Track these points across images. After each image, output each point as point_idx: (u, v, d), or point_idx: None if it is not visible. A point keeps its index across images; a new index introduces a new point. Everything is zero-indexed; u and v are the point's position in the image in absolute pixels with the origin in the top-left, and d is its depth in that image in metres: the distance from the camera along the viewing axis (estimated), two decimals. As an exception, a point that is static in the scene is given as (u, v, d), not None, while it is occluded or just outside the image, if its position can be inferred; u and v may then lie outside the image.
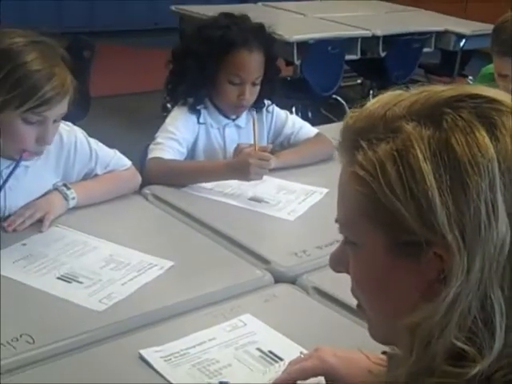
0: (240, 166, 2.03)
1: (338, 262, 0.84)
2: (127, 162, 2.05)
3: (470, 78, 5.33)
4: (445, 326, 0.67)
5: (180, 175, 2.12)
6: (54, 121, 1.69)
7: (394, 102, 0.73)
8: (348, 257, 0.81)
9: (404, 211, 0.68)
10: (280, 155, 2.25)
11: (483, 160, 0.66)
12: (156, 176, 2.12)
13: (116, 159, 2.02)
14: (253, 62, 2.17)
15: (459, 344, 0.67)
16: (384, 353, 0.97)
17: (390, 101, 0.74)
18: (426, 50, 5.37)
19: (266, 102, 2.34)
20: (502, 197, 0.66)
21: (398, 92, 0.75)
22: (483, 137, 0.66)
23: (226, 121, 2.30)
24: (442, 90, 0.73)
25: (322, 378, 1.16)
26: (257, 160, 2.01)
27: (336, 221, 0.79)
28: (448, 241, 0.66)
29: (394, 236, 0.71)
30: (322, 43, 4.83)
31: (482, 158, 0.66)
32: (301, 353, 1.29)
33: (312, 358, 1.15)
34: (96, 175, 1.97)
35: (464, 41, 5.42)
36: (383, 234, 0.72)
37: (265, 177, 2.06)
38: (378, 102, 0.75)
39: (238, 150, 2.14)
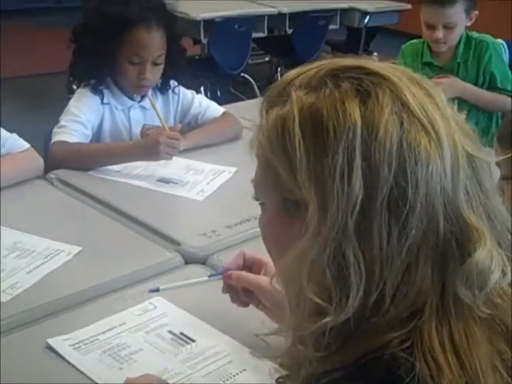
0: (149, 146, 2.01)
1: None
2: (24, 144, 1.98)
3: (375, 54, 5.43)
4: (299, 275, 0.71)
5: (86, 158, 2.07)
6: None
7: (300, 72, 0.77)
8: None
9: (282, 171, 0.73)
10: (187, 136, 2.23)
11: (344, 126, 0.69)
12: (61, 160, 2.06)
13: (12, 140, 1.94)
14: (152, 41, 2.13)
15: (314, 298, 0.70)
16: None
17: (298, 71, 0.77)
18: (331, 27, 5.44)
19: (172, 82, 2.32)
20: (360, 162, 0.68)
21: (311, 64, 0.78)
22: (353, 106, 0.70)
23: (130, 102, 2.26)
24: (335, 61, 0.76)
25: None
26: (166, 139, 1.98)
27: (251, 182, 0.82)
28: (306, 196, 0.71)
29: (280, 195, 0.76)
30: (229, 21, 4.82)
31: (344, 124, 0.69)
32: None
33: None
34: None
35: (368, 18, 5.52)
36: (274, 194, 0.77)
37: (173, 157, 2.05)
38: (290, 73, 0.78)
39: (144, 130, 2.11)
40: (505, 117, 2.41)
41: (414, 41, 2.90)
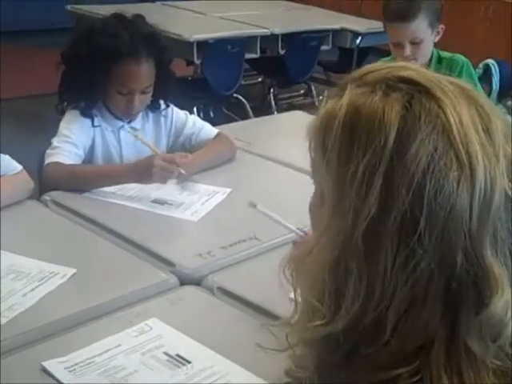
0: (143, 169, 2.00)
1: None
2: (18, 166, 1.98)
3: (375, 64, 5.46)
4: (305, 271, 0.73)
5: (80, 180, 2.08)
6: None
7: (370, 69, 0.77)
8: None
9: (318, 160, 0.75)
10: (194, 159, 2.18)
11: (376, 136, 0.68)
12: (55, 182, 2.06)
13: (6, 163, 1.94)
14: (141, 73, 2.13)
15: (311, 298, 0.71)
16: None
17: (371, 68, 0.77)
18: (324, 47, 5.47)
19: (163, 106, 2.33)
20: (380, 178, 0.67)
21: (384, 64, 0.78)
22: (392, 118, 0.68)
23: (120, 123, 2.27)
24: (400, 69, 0.75)
25: None
26: (161, 162, 1.97)
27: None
28: (326, 191, 0.73)
29: (316, 181, 0.78)
30: (222, 42, 4.85)
31: (377, 134, 0.68)
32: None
33: None
34: None
35: (360, 38, 5.56)
36: (315, 181, 0.79)
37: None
38: (364, 68, 0.79)
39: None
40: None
41: (386, 58, 2.93)
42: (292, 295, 0.81)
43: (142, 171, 2.00)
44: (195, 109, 4.68)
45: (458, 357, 0.68)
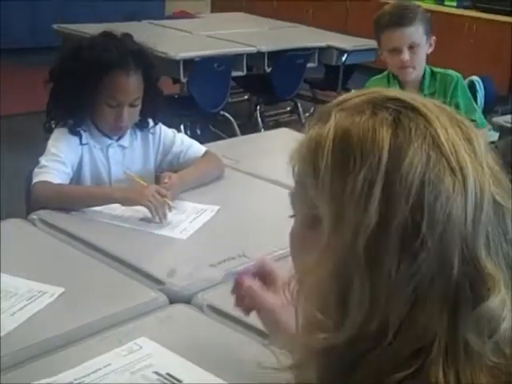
0: (133, 195, 2.03)
1: None
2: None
3: (354, 91, 5.49)
4: (306, 287, 0.74)
5: (69, 199, 2.07)
6: None
7: (348, 97, 0.79)
8: None
9: (309, 185, 0.76)
10: (181, 178, 2.21)
11: (370, 153, 0.70)
12: (44, 200, 2.06)
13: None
14: (130, 85, 2.15)
15: (315, 312, 0.72)
16: None
17: (346, 96, 0.80)
18: (310, 65, 5.50)
19: (150, 120, 2.33)
20: (379, 190, 0.69)
21: (361, 90, 0.81)
22: (383, 135, 0.71)
23: (109, 141, 2.27)
24: (380, 91, 0.78)
25: None
26: (152, 197, 1.99)
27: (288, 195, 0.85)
28: (322, 212, 0.73)
29: (305, 208, 0.78)
30: (208, 60, 4.87)
31: (371, 150, 0.71)
32: None
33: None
34: None
35: (346, 56, 5.59)
36: (301, 206, 0.80)
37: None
38: (340, 97, 0.81)
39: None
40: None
41: (377, 76, 2.96)
42: None
43: (132, 198, 2.02)
44: (182, 126, 4.68)
45: (456, 356, 0.70)
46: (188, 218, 2.07)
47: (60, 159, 2.13)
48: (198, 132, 5.12)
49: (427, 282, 0.69)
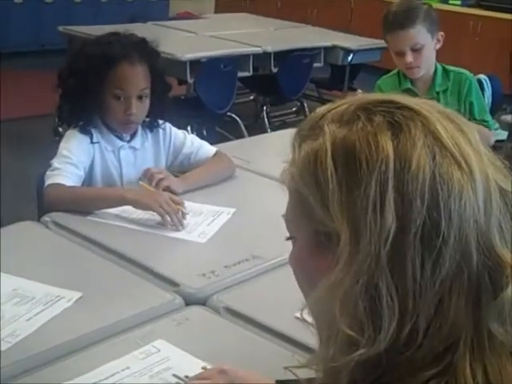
0: (147, 200, 2.02)
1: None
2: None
3: (360, 91, 5.49)
4: (331, 307, 0.71)
5: (83, 202, 2.07)
6: None
7: (331, 108, 0.78)
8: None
9: (314, 203, 0.73)
10: (186, 178, 2.25)
11: (377, 159, 0.70)
12: (57, 203, 2.05)
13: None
14: (135, 74, 2.16)
15: (346, 330, 0.70)
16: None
17: (328, 107, 0.78)
18: (316, 65, 5.49)
19: (161, 122, 2.33)
20: (392, 195, 0.69)
21: (341, 100, 0.79)
22: (385, 139, 0.70)
23: (120, 143, 2.26)
24: (367, 96, 0.77)
25: None
26: (166, 205, 1.99)
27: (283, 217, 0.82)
28: (338, 228, 0.71)
29: (312, 228, 0.76)
30: (215, 61, 4.86)
31: (376, 156, 0.70)
32: (203, 368, 1.31)
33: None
34: None
35: (351, 55, 5.59)
36: (306, 227, 0.77)
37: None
38: (320, 109, 0.79)
39: (149, 174, 2.12)
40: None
41: (388, 74, 2.95)
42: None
43: (145, 203, 2.01)
44: (189, 128, 4.67)
45: (482, 348, 0.70)
46: (205, 220, 2.06)
47: (72, 161, 2.13)
48: (205, 133, 5.10)
49: (450, 277, 0.69)
